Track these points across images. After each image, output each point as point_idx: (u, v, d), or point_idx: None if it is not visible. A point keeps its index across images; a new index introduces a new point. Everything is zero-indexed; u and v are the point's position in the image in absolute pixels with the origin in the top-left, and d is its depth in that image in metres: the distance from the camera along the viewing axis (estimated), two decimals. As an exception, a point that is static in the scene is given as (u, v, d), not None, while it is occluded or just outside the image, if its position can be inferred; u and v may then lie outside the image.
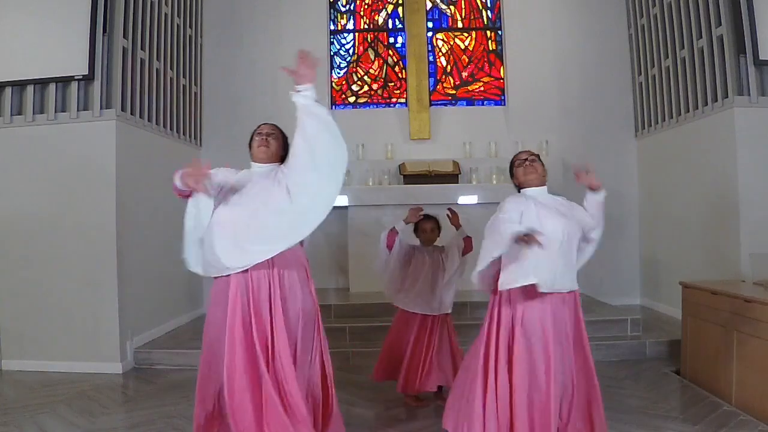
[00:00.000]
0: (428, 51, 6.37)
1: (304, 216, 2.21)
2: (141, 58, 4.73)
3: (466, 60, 6.49)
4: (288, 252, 2.26)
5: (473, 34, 6.51)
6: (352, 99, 6.49)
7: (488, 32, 6.51)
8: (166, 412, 3.31)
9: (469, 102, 6.44)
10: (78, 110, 4.30)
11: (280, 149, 2.44)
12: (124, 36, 4.47)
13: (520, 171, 2.55)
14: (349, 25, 6.56)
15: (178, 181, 2.22)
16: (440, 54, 6.51)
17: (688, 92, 5.06)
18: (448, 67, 6.49)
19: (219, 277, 2.29)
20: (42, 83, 4.33)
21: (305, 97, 2.10)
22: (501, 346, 2.38)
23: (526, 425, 2.29)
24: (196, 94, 5.90)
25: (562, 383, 2.37)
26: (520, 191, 2.58)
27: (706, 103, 4.78)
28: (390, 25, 6.56)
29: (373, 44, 6.54)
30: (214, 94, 6.11)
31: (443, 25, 6.55)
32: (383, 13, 6.58)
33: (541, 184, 2.53)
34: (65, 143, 4.27)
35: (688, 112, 5.06)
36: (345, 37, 6.56)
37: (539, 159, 2.58)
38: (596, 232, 2.53)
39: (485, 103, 6.41)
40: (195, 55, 5.89)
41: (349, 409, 3.32)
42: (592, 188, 2.50)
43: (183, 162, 2.39)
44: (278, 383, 2.18)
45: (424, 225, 3.34)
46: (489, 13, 6.53)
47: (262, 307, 2.23)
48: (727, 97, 4.51)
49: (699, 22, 4.84)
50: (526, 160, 2.55)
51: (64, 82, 4.31)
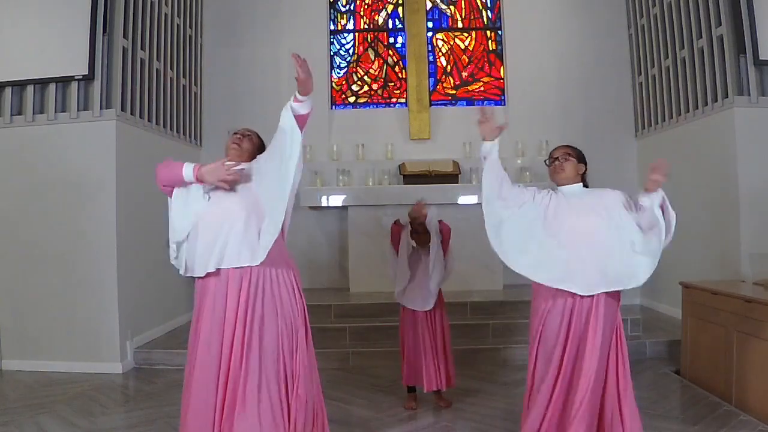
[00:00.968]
0: (428, 51, 6.36)
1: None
2: (141, 58, 4.73)
3: (466, 60, 6.49)
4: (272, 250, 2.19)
5: (473, 34, 6.50)
6: (352, 99, 6.48)
7: (488, 32, 6.50)
8: (166, 412, 3.31)
9: (469, 102, 6.44)
10: (78, 110, 4.30)
11: (255, 151, 2.39)
12: (124, 36, 4.47)
13: (550, 170, 2.45)
14: (349, 25, 6.56)
15: (191, 173, 2.15)
16: (440, 54, 6.51)
17: (688, 92, 5.06)
18: (448, 67, 6.49)
19: (199, 278, 2.23)
20: (42, 83, 4.33)
21: (302, 107, 2.20)
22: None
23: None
24: (196, 94, 5.90)
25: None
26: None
27: (706, 103, 4.78)
28: (390, 25, 6.56)
29: (373, 44, 6.54)
30: (214, 94, 6.10)
31: (443, 25, 6.54)
32: (383, 13, 6.57)
33: (573, 183, 2.40)
34: (65, 143, 4.27)
35: (688, 112, 5.06)
36: (345, 37, 6.55)
37: (573, 156, 2.40)
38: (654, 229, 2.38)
39: (485, 103, 6.39)
40: (195, 55, 5.89)
41: (349, 409, 3.33)
42: (647, 189, 2.30)
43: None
44: (235, 388, 2.14)
45: (417, 226, 3.36)
46: (489, 13, 6.53)
47: (236, 310, 2.16)
48: (727, 97, 4.51)
49: (699, 22, 4.83)
50: (557, 159, 2.41)
51: (64, 82, 4.31)
